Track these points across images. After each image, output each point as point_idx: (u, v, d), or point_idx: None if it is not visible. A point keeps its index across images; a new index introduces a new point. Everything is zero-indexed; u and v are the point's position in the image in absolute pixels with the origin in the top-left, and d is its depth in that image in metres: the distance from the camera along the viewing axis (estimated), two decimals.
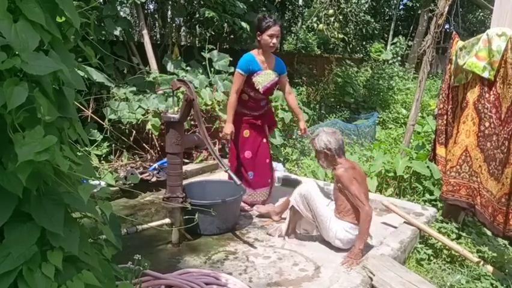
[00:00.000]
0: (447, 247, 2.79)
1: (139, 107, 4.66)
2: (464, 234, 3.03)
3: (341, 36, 9.08)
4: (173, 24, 7.36)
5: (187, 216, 2.72)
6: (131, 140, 4.73)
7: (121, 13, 6.09)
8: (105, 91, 4.65)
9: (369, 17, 11.70)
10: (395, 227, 3.14)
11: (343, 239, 2.71)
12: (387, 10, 16.65)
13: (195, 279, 2.18)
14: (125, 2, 5.57)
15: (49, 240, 1.09)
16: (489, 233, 2.95)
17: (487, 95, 2.71)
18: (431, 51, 4.35)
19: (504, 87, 2.55)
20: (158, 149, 4.82)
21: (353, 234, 2.68)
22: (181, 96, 4.53)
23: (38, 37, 0.97)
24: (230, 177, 2.84)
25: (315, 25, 8.78)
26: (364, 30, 11.10)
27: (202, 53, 5.72)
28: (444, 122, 3.20)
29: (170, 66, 5.60)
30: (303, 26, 12.67)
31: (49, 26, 1.01)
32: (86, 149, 2.02)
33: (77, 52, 1.26)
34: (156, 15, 7.63)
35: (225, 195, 3.09)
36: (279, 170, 4.39)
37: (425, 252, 2.80)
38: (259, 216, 3.36)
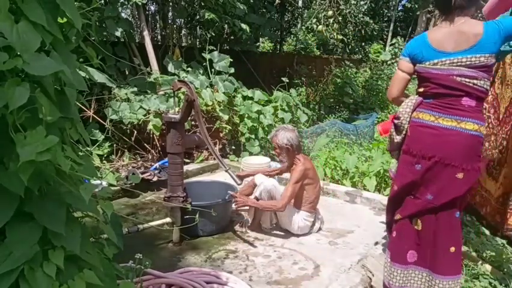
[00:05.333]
0: None
1: (140, 107, 4.67)
2: (462, 233, 3.04)
3: (340, 37, 9.07)
4: (174, 26, 7.37)
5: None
6: (133, 140, 4.74)
7: (122, 14, 6.10)
8: (106, 92, 4.67)
9: (368, 18, 11.68)
10: None
11: (303, 226, 3.02)
12: (386, 11, 16.65)
13: (195, 278, 2.19)
14: (127, 3, 5.59)
15: (51, 239, 1.10)
16: (488, 232, 2.96)
17: None
18: None
19: (502, 87, 2.56)
20: (159, 149, 4.83)
21: (310, 221, 3.05)
22: (182, 96, 4.55)
23: (39, 38, 0.97)
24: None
25: (315, 26, 8.79)
26: (363, 31, 11.09)
27: (203, 54, 5.74)
28: None
29: (171, 67, 5.61)
30: (303, 27, 12.68)
31: (51, 27, 1.01)
32: (88, 149, 2.02)
33: (79, 53, 1.26)
34: (157, 17, 7.65)
35: (214, 196, 3.15)
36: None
37: None
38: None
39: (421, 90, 2.00)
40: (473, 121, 1.88)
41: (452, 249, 1.98)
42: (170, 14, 7.18)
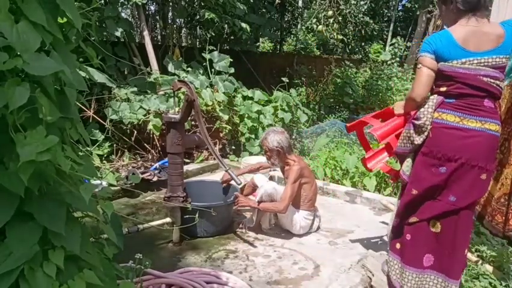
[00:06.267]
0: None
1: (140, 107, 4.67)
2: None
3: (340, 37, 9.07)
4: (174, 26, 7.38)
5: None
6: (133, 140, 4.74)
7: (122, 14, 6.10)
8: (106, 91, 4.66)
9: (368, 18, 11.68)
10: None
11: (304, 226, 3.05)
12: (386, 11, 16.64)
13: (195, 278, 2.19)
14: (127, 3, 5.59)
15: (51, 239, 1.10)
16: (488, 232, 2.95)
17: None
18: None
19: (504, 87, 2.56)
20: (160, 148, 4.83)
21: (310, 219, 3.07)
22: (182, 96, 4.55)
23: (39, 38, 0.97)
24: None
25: (315, 26, 8.79)
26: (363, 31, 11.09)
27: (203, 54, 5.74)
28: None
29: (171, 67, 5.61)
30: (303, 27, 12.68)
31: (51, 27, 1.01)
32: (88, 149, 2.02)
33: (79, 53, 1.26)
34: (157, 17, 7.65)
35: (215, 196, 3.16)
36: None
37: None
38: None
39: (443, 89, 1.92)
40: (495, 122, 1.89)
41: (466, 251, 1.99)
42: (170, 14, 7.18)
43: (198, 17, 6.72)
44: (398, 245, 2.16)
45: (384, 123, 2.34)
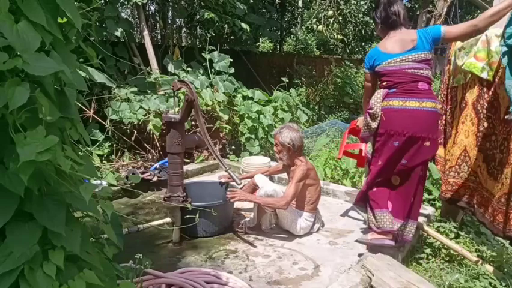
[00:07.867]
0: (446, 246, 2.79)
1: (140, 107, 4.67)
2: (462, 233, 3.04)
3: (340, 37, 9.07)
4: (174, 26, 7.38)
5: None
6: (133, 140, 4.74)
7: (122, 14, 6.10)
8: (106, 91, 4.66)
9: (368, 18, 11.68)
10: None
11: (305, 227, 3.05)
12: None
13: (195, 278, 2.19)
14: (127, 3, 5.59)
15: (51, 239, 1.10)
16: (488, 232, 2.95)
17: (485, 96, 2.72)
18: None
19: (503, 87, 2.55)
20: (160, 148, 4.83)
21: (311, 221, 3.07)
22: (182, 96, 4.55)
23: (39, 38, 0.97)
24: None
25: (315, 26, 8.78)
26: (363, 31, 11.07)
27: (203, 54, 5.74)
28: (443, 122, 3.21)
29: (171, 67, 5.61)
30: (303, 27, 12.68)
31: (51, 27, 1.01)
32: (88, 149, 2.03)
33: (79, 53, 1.26)
34: (157, 17, 7.64)
35: (214, 197, 3.16)
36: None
37: (423, 252, 2.81)
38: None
39: (385, 83, 2.54)
40: (430, 100, 2.45)
41: (418, 199, 2.64)
42: (170, 14, 7.19)
43: (198, 17, 6.72)
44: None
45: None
